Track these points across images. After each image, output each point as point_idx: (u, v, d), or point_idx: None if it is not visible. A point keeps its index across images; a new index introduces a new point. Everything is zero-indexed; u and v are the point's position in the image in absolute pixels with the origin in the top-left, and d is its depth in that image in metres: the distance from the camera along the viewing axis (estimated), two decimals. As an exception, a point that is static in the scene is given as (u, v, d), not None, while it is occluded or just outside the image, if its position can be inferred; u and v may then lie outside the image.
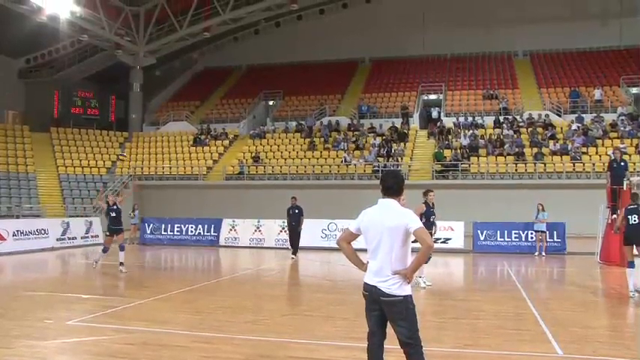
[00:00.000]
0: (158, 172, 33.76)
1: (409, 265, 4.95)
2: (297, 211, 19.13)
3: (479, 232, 21.45)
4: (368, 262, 5.11)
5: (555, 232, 20.77)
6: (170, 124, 38.67)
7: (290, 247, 19.59)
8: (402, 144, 32.17)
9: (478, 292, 12.88)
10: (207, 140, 36.15)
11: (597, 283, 14.88)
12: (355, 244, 5.24)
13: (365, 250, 5.09)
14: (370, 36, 41.55)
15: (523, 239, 21.18)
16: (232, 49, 46.67)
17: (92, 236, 23.52)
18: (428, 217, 12.42)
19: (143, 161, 34.94)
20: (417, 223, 4.89)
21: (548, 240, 20.48)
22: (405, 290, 4.94)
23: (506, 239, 21.28)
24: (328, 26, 42.98)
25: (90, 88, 41.24)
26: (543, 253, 20.06)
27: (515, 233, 21.27)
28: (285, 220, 19.90)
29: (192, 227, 24.30)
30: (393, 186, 5.10)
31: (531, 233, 20.86)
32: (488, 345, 7.65)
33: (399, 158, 30.76)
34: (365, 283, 5.09)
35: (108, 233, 15.38)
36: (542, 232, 20.28)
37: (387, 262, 4.91)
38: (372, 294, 5.00)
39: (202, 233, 24.09)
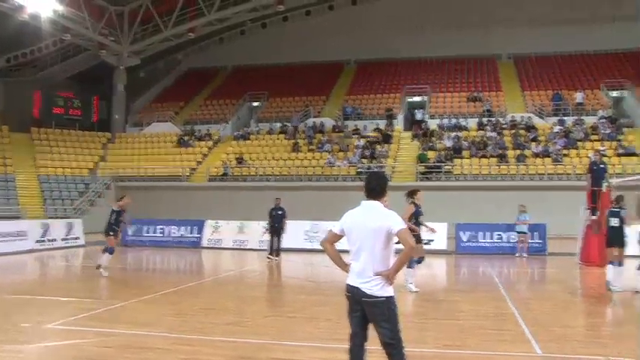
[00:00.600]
0: (141, 174, 33.52)
1: (391, 266, 4.96)
2: (280, 212, 19.01)
3: (461, 233, 21.58)
4: (351, 263, 5.11)
5: (537, 233, 20.96)
6: (154, 125, 38.45)
7: (269, 248, 19.29)
8: (386, 145, 32.26)
9: (460, 292, 12.96)
10: (191, 141, 36.00)
11: (577, 283, 15.07)
12: (341, 245, 5.25)
13: (348, 252, 5.11)
14: (356, 38, 41.61)
15: (505, 240, 21.35)
16: (217, 50, 46.52)
17: (73, 238, 23.31)
18: (417, 217, 12.34)
19: (126, 162, 34.70)
20: (399, 225, 4.91)
21: (529, 241, 20.66)
22: (387, 291, 4.95)
23: (489, 240, 21.43)
24: (314, 28, 43.00)
25: (72, 88, 40.90)
26: (525, 254, 20.23)
27: (497, 234, 21.44)
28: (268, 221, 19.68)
29: (174, 229, 24.21)
30: (376, 187, 5.13)
31: (513, 234, 21.03)
32: (469, 345, 7.70)
33: (383, 160, 30.84)
34: (347, 285, 5.09)
35: (112, 233, 14.72)
36: (523, 233, 20.47)
37: (369, 264, 4.92)
38: (355, 295, 5.01)
39: (185, 235, 24.02)
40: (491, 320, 9.45)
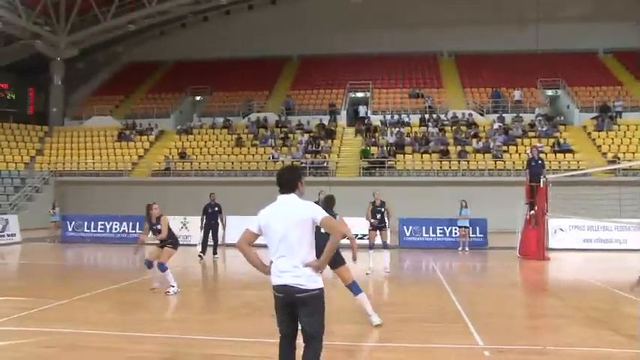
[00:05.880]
0: (80, 168, 32.65)
1: (322, 255, 4.85)
2: (216, 208, 18.43)
3: (405, 228, 21.82)
4: (272, 262, 4.96)
5: (478, 228, 21.37)
6: (94, 119, 37.45)
7: (201, 246, 18.26)
8: (329, 141, 32.38)
9: (403, 286, 13.13)
10: (133, 135, 35.24)
11: (517, 277, 15.47)
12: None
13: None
14: (299, 33, 41.57)
15: (447, 235, 21.68)
16: (158, 43, 45.64)
17: (8, 235, 22.45)
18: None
19: (65, 157, 33.73)
20: (322, 213, 4.84)
21: (471, 235, 21.06)
22: (319, 283, 4.86)
23: (431, 235, 21.74)
24: (257, 22, 42.74)
25: (6, 79, 39.31)
26: (466, 249, 20.60)
27: (439, 229, 21.74)
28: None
29: (116, 224, 23.61)
30: (289, 181, 5.03)
31: (455, 229, 21.38)
32: (412, 339, 7.80)
33: (326, 155, 30.96)
34: (276, 285, 4.91)
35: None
36: (465, 227, 20.83)
37: (296, 257, 4.80)
38: (287, 294, 4.83)
39: (127, 230, 23.46)
40: (435, 314, 9.57)
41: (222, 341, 7.65)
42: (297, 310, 4.84)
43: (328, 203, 9.88)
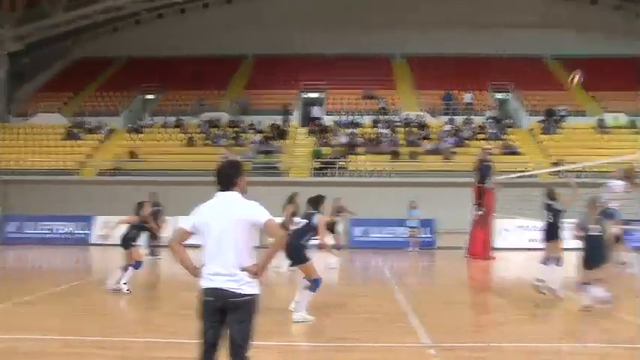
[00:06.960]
0: (25, 167, 31.70)
1: (260, 260, 4.60)
2: (159, 207, 18.19)
3: (354, 228, 21.98)
4: (204, 265, 4.63)
5: (428, 228, 21.71)
6: (40, 116, 36.34)
7: (148, 248, 18.14)
8: (281, 141, 32.32)
9: (352, 286, 13.22)
10: (81, 134, 34.42)
11: (464, 276, 15.78)
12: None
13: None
14: (254, 32, 41.28)
15: (397, 235, 21.95)
16: (110, 39, 44.61)
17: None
18: None
19: (9, 154, 32.69)
20: (265, 215, 4.61)
21: (420, 235, 21.35)
22: (256, 289, 4.59)
23: (381, 235, 21.97)
24: (212, 21, 42.27)
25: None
26: (416, 248, 20.90)
27: (389, 229, 22.00)
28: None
29: (61, 225, 23.08)
30: (228, 177, 4.89)
31: (405, 229, 21.67)
32: (361, 338, 7.86)
33: (279, 155, 30.89)
34: (206, 289, 4.56)
35: None
36: (414, 227, 21.13)
37: (233, 260, 4.50)
38: (219, 298, 4.49)
39: (72, 231, 22.95)
40: (383, 313, 9.67)
41: (167, 343, 7.55)
42: (227, 317, 4.54)
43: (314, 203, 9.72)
